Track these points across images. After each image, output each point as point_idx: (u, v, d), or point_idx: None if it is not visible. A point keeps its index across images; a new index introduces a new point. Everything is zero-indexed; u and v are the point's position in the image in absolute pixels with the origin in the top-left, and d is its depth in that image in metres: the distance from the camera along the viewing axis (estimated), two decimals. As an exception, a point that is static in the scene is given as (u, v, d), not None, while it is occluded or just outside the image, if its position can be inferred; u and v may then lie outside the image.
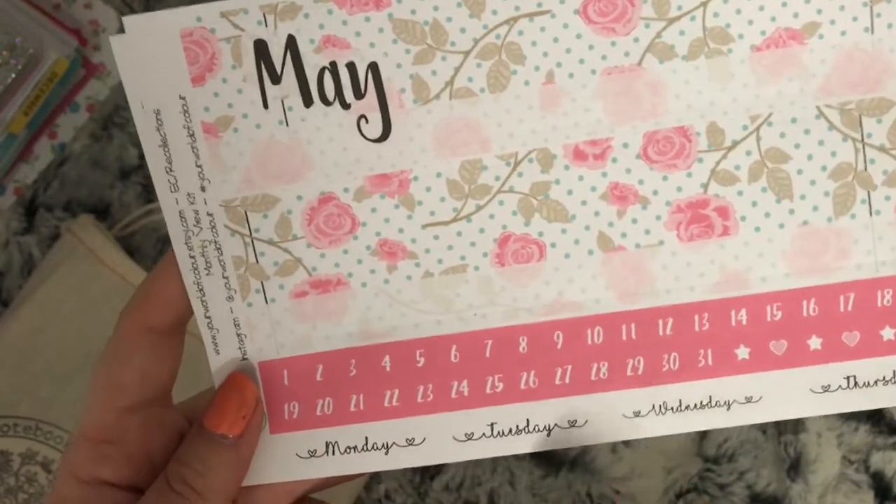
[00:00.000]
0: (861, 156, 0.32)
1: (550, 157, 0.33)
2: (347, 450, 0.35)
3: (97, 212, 0.62)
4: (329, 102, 0.33)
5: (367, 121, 0.33)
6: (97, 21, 0.63)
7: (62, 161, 0.63)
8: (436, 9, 0.32)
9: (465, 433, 0.34)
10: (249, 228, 0.34)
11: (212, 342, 0.34)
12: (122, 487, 0.34)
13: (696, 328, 0.33)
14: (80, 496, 0.34)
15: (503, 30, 0.32)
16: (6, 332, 0.59)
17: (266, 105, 0.33)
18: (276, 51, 0.32)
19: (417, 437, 0.34)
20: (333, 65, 0.32)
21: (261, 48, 0.32)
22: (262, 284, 0.34)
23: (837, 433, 0.56)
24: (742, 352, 0.33)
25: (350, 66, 0.32)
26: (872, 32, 0.31)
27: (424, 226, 0.33)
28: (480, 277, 0.34)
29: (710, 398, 0.33)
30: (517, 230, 0.33)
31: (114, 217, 0.63)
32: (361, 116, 0.33)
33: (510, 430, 0.34)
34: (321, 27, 0.32)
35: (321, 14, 0.32)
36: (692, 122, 0.32)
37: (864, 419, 0.56)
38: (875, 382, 0.33)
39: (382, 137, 0.33)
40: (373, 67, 0.32)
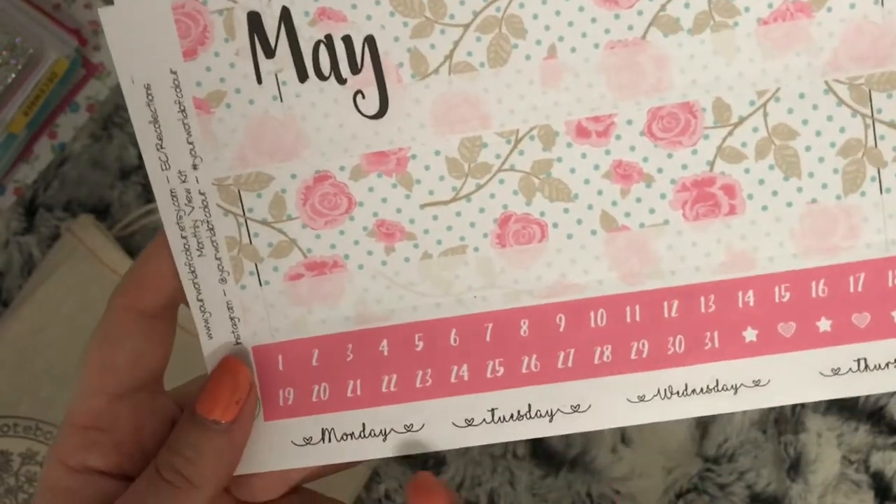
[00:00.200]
0: (871, 132, 0.30)
1: (552, 135, 0.31)
2: (344, 437, 0.32)
3: (97, 212, 0.61)
4: (324, 77, 0.31)
5: (364, 96, 0.31)
6: (97, 21, 0.61)
7: (62, 161, 0.61)
8: None
9: (466, 419, 0.32)
10: (243, 208, 0.32)
11: (204, 326, 0.32)
12: (112, 475, 0.32)
13: (703, 310, 0.31)
14: (69, 485, 0.32)
15: (503, 2, 0.30)
16: (6, 332, 0.57)
17: (259, 80, 0.31)
18: (270, 23, 0.30)
19: (416, 424, 0.32)
20: (329, 38, 0.30)
21: (254, 20, 0.30)
22: (256, 266, 0.32)
23: (837, 433, 0.54)
24: (749, 334, 0.31)
25: (346, 40, 0.30)
26: (882, 5, 0.30)
27: (423, 205, 0.31)
28: (480, 259, 0.32)
29: (717, 382, 0.32)
30: (518, 210, 0.31)
31: (114, 217, 0.61)
32: (358, 92, 0.31)
33: (511, 416, 0.32)
34: None
35: None
36: (697, 98, 0.30)
37: (864, 419, 0.54)
38: (886, 365, 0.31)
39: (380, 114, 0.31)
40: (369, 41, 0.30)
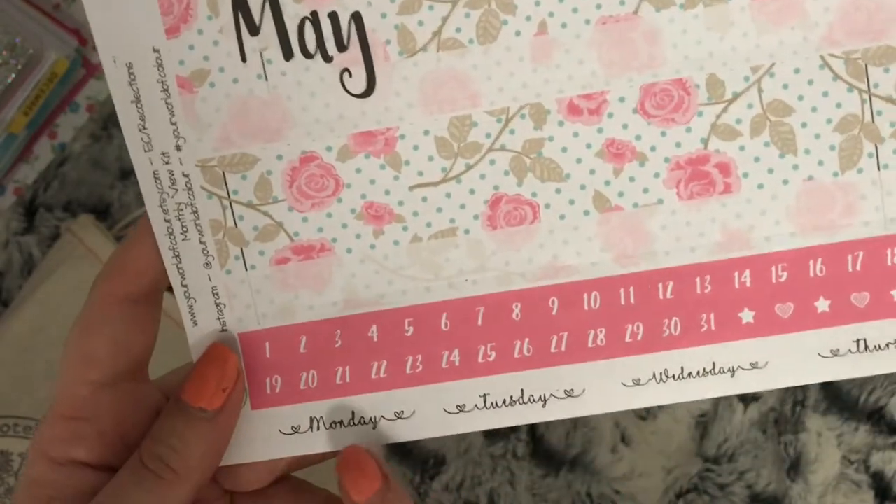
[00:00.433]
0: (868, 107, 0.29)
1: (543, 113, 0.29)
2: (333, 425, 0.31)
3: (97, 212, 0.59)
4: (310, 55, 0.29)
5: (351, 74, 0.29)
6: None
7: (62, 161, 0.60)
8: None
9: (457, 405, 0.30)
10: (227, 190, 0.30)
11: (189, 312, 0.30)
12: (95, 467, 0.30)
13: (698, 291, 0.30)
14: (51, 477, 0.30)
15: (492, -23, 0.28)
16: (6, 332, 0.56)
17: (244, 58, 0.29)
18: (255, 0, 0.28)
19: (407, 410, 0.30)
20: (315, 14, 0.29)
21: (238, -3, 0.29)
22: (242, 250, 0.30)
23: (837, 433, 0.52)
24: (746, 315, 0.30)
25: (332, 16, 0.29)
26: None
27: (412, 187, 0.30)
28: (471, 241, 0.30)
29: (714, 364, 0.30)
30: (509, 191, 0.30)
31: (114, 217, 0.59)
32: (344, 70, 0.29)
33: (504, 402, 0.30)
34: None
35: None
36: (691, 74, 0.29)
37: (864, 419, 0.53)
38: (886, 345, 0.30)
39: (367, 92, 0.29)
40: (356, 17, 0.29)
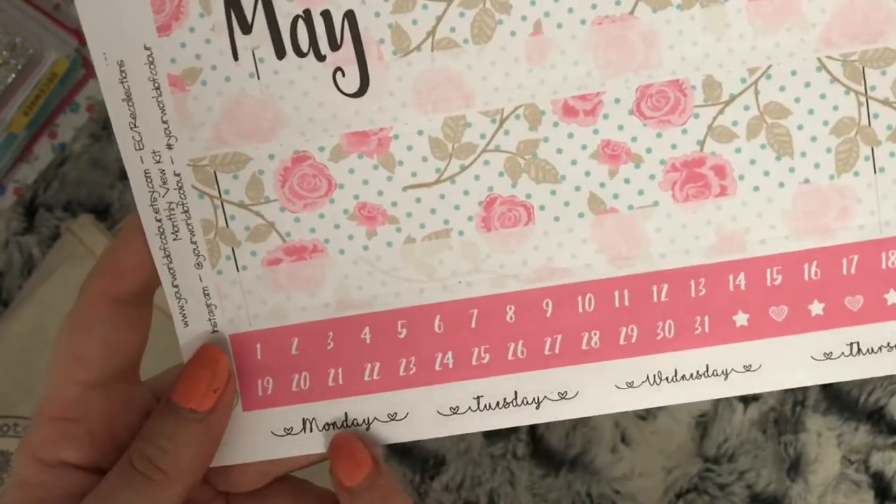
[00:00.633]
0: (864, 110, 0.28)
1: (538, 114, 0.28)
2: (326, 427, 0.30)
3: (97, 212, 0.58)
4: (303, 54, 0.28)
5: (344, 74, 0.28)
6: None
7: (62, 161, 0.59)
8: None
9: (450, 407, 0.29)
10: (219, 190, 0.29)
11: (180, 313, 0.29)
12: (85, 468, 0.29)
13: (692, 294, 0.29)
14: (40, 479, 0.29)
15: (487, -23, 0.27)
16: (6, 332, 0.55)
17: (236, 56, 0.28)
18: (247, -3, 0.28)
19: (400, 412, 0.29)
20: (307, 13, 0.28)
21: (230, -6, 0.28)
22: (233, 251, 0.29)
23: (837, 433, 0.52)
24: (740, 318, 0.29)
25: (325, 15, 0.28)
26: None
27: (405, 188, 0.29)
28: (465, 243, 0.29)
29: (707, 367, 0.29)
30: (504, 192, 0.29)
31: (114, 217, 0.58)
32: (338, 69, 0.28)
33: (497, 404, 0.29)
34: None
35: None
36: (687, 76, 0.28)
37: (864, 419, 0.52)
38: (879, 349, 0.29)
39: (360, 92, 0.28)
40: (349, 16, 0.28)
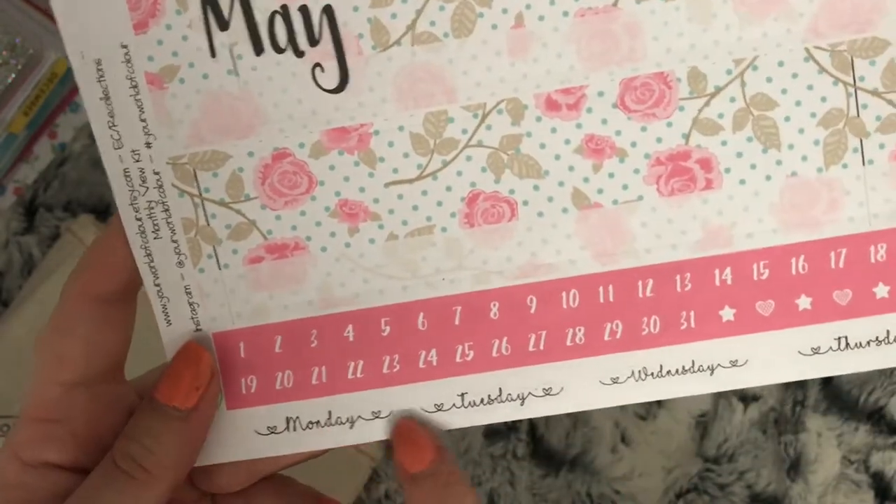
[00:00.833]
0: (853, 101, 0.27)
1: (521, 108, 0.27)
2: (310, 425, 0.29)
3: (97, 212, 0.57)
4: (281, 50, 0.27)
5: (323, 69, 0.27)
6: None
7: (62, 161, 0.58)
8: None
9: (435, 404, 0.29)
10: (199, 188, 0.28)
11: (162, 312, 0.29)
12: (69, 469, 0.29)
13: (678, 289, 0.28)
14: (22, 480, 0.28)
15: (468, -31, 0.26)
16: (6, 332, 0.54)
17: (213, 53, 0.27)
18: (223, -7, 0.27)
19: (384, 410, 0.29)
20: (285, 8, 0.27)
21: (206, -10, 0.27)
22: (215, 249, 0.28)
23: (837, 433, 0.51)
24: (727, 313, 0.28)
25: (303, 10, 0.27)
26: None
27: (387, 184, 0.28)
28: (448, 239, 0.28)
29: (693, 363, 0.28)
30: (487, 188, 0.28)
31: (114, 217, 0.57)
32: (316, 65, 0.27)
33: (482, 400, 0.29)
34: None
35: None
36: (672, 68, 0.27)
37: (864, 419, 0.51)
38: (868, 343, 0.28)
39: (340, 87, 0.27)
40: (328, 11, 0.27)
